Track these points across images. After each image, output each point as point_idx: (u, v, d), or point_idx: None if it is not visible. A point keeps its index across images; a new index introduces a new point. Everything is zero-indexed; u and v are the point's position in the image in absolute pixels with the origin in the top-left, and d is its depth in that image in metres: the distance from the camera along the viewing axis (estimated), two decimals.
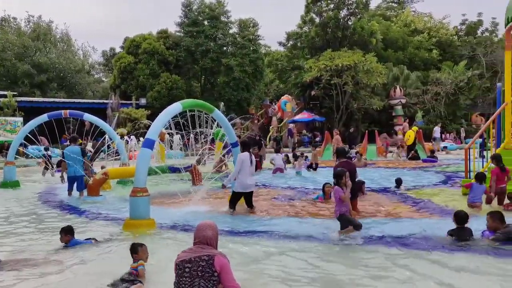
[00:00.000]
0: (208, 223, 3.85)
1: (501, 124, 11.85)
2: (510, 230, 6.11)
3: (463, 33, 46.63)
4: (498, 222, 6.20)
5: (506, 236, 6.07)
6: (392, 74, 37.38)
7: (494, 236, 6.16)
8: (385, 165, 19.26)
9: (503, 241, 6.06)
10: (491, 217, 6.30)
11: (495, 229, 6.19)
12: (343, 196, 6.72)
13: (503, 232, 6.10)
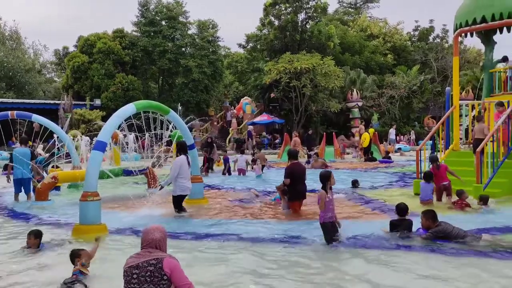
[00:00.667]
0: (155, 226, 3.69)
1: (450, 126, 12.27)
2: (439, 229, 6.35)
3: (416, 39, 48.33)
4: (430, 221, 6.45)
5: (436, 234, 6.33)
6: (349, 77, 38.17)
7: (425, 235, 6.41)
8: (343, 166, 19.53)
9: (434, 239, 6.30)
10: (424, 216, 6.55)
11: (428, 228, 6.44)
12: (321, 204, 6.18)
13: (433, 231, 6.36)
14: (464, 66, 42.84)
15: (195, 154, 10.87)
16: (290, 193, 8.95)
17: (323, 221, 6.29)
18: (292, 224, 7.90)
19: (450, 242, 6.16)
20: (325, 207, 6.20)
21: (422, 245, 6.22)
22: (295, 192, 8.92)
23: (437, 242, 6.21)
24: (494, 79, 17.00)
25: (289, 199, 9.00)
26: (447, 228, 6.36)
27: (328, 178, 6.30)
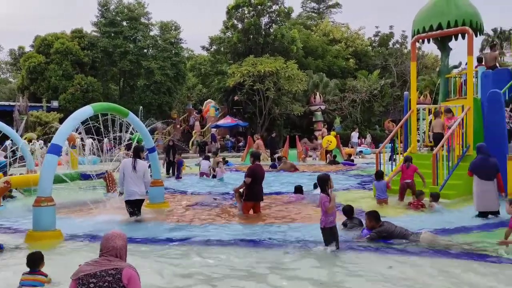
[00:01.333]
0: (116, 233, 3.48)
1: (408, 129, 12.61)
2: (383, 229, 6.60)
3: (376, 44, 49.51)
4: (374, 221, 6.72)
5: (379, 234, 6.57)
6: (312, 81, 38.62)
7: (369, 235, 6.65)
8: (305, 169, 19.69)
9: (377, 239, 6.53)
10: (368, 217, 6.84)
11: (372, 228, 6.69)
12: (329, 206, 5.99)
13: (377, 231, 6.61)
14: (422, 71, 44.28)
15: (156, 157, 10.68)
16: (247, 193, 8.97)
17: (324, 226, 6.11)
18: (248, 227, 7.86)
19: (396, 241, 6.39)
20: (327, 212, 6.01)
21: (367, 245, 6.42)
22: (252, 193, 8.97)
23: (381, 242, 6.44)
24: (450, 84, 17.65)
25: (245, 199, 9.02)
26: (390, 227, 6.63)
27: (327, 181, 6.16)
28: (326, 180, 6.16)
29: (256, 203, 9.12)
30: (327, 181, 6.15)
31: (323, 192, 6.10)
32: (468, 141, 11.18)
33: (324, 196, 6.05)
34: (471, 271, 5.22)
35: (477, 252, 6.00)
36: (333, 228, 6.13)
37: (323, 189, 6.12)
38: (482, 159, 8.48)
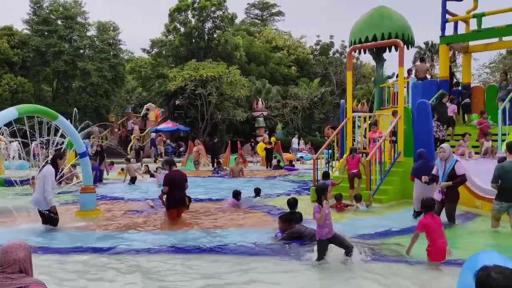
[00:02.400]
0: (17, 243, 3.01)
1: (344, 136, 12.95)
2: (294, 230, 6.93)
3: (317, 52, 50.82)
4: (286, 224, 7.07)
5: (290, 235, 6.89)
6: (255, 87, 38.89)
7: (281, 236, 6.95)
8: (246, 174, 19.64)
9: (289, 240, 6.80)
10: (280, 220, 7.20)
11: (285, 230, 7.01)
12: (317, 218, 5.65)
13: (288, 232, 6.93)
14: (360, 80, 46.00)
15: (87, 163, 10.17)
16: (168, 201, 8.82)
17: (320, 238, 5.80)
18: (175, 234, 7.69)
19: (308, 242, 6.62)
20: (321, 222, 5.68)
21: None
22: (172, 200, 8.83)
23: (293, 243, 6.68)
24: (384, 93, 18.40)
25: (167, 207, 8.85)
26: (300, 229, 6.95)
27: (324, 191, 5.79)
28: (324, 189, 5.82)
29: (180, 209, 8.98)
30: (324, 190, 5.80)
31: (318, 202, 5.76)
32: (399, 148, 11.63)
33: (316, 206, 5.75)
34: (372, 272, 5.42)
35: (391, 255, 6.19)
36: (330, 239, 5.77)
37: (319, 199, 5.77)
38: (422, 163, 8.94)
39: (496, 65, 42.48)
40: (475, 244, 6.70)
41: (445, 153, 7.92)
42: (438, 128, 12.26)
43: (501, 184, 7.17)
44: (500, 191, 7.21)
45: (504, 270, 2.23)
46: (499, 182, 7.17)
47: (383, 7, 17.97)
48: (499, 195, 7.25)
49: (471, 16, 14.95)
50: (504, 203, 7.16)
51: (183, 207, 9.17)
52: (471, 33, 15.06)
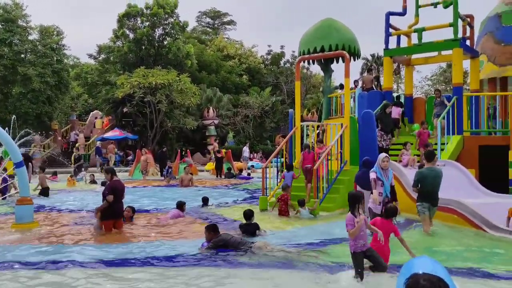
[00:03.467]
0: None
1: (293, 145, 13.05)
2: (219, 239, 6.96)
3: (268, 62, 51.38)
4: (212, 233, 7.11)
5: (216, 244, 6.92)
6: (206, 95, 38.67)
7: (207, 245, 6.96)
8: (198, 184, 19.33)
9: (215, 249, 6.84)
10: (206, 230, 7.23)
11: (210, 239, 7.04)
12: (351, 231, 5.17)
13: (214, 241, 6.96)
14: (311, 90, 46.92)
15: (23, 173, 9.62)
16: (106, 211, 8.51)
17: (354, 251, 5.31)
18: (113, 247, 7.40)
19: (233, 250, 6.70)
20: (351, 236, 5.25)
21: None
22: (111, 210, 8.53)
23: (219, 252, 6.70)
24: (332, 103, 18.78)
25: (103, 217, 8.53)
26: (225, 237, 6.99)
27: (359, 200, 5.33)
28: (357, 198, 5.36)
29: (117, 220, 8.71)
30: (358, 200, 5.34)
31: (351, 212, 5.27)
32: (345, 157, 11.86)
33: (350, 218, 5.22)
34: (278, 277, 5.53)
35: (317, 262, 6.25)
36: (365, 252, 5.33)
37: (352, 209, 5.29)
38: (364, 171, 9.12)
39: (437, 77, 44.80)
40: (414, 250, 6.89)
41: (388, 162, 8.02)
42: (382, 137, 12.63)
43: (420, 188, 8.21)
44: (420, 194, 8.28)
45: (431, 277, 2.29)
46: (419, 186, 8.21)
47: (331, 20, 18.38)
48: (420, 197, 8.29)
49: (413, 30, 15.59)
50: (425, 203, 8.15)
51: (121, 218, 8.87)
52: (413, 47, 15.72)
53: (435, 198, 8.20)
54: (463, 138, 13.45)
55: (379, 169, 7.58)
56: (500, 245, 7.27)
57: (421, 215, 8.20)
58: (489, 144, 13.45)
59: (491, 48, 16.26)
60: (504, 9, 16.18)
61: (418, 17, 16.02)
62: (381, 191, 7.47)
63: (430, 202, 8.15)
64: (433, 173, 8.20)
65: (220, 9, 59.23)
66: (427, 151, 9.06)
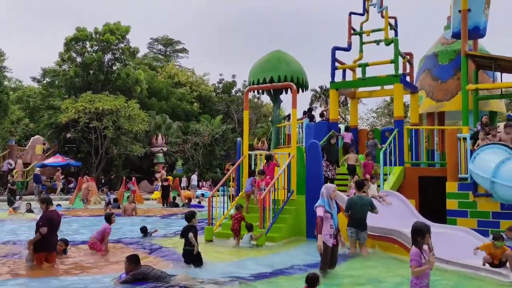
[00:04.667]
0: None
1: (240, 174, 12.97)
2: (138, 271, 6.67)
3: (220, 90, 51.65)
4: (132, 264, 6.77)
5: (135, 277, 6.63)
6: (155, 122, 38.07)
7: (125, 278, 6.65)
8: (142, 213, 18.67)
9: (132, 282, 6.56)
10: (127, 260, 6.86)
11: (130, 271, 6.72)
12: (417, 269, 4.65)
13: (132, 274, 6.66)
14: (261, 119, 47.43)
15: None
16: (39, 243, 7.96)
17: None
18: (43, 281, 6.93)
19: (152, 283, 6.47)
20: (415, 273, 4.72)
21: None
22: (45, 242, 7.99)
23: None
24: (280, 132, 19.01)
25: (35, 250, 7.98)
26: (145, 270, 6.70)
27: (424, 233, 4.72)
28: (422, 230, 4.77)
29: (50, 253, 8.16)
30: (423, 232, 4.76)
31: (417, 246, 4.73)
32: (292, 187, 11.90)
33: (415, 252, 4.68)
34: None
35: None
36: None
37: (415, 242, 4.75)
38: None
39: (381, 110, 46.76)
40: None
41: (336, 192, 7.91)
42: (328, 167, 12.83)
43: (350, 213, 9.10)
44: (350, 219, 9.12)
45: None
46: (349, 212, 9.10)
47: (280, 52, 18.81)
48: (349, 223, 9.11)
49: (357, 65, 16.25)
50: (352, 228, 9.04)
51: (54, 251, 8.31)
52: (357, 81, 16.32)
53: (362, 224, 9.02)
54: (404, 169, 13.97)
55: (327, 201, 7.23)
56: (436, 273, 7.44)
57: (349, 238, 9.03)
58: (428, 175, 14.04)
59: (429, 84, 17.22)
60: (440, 48, 17.27)
61: (362, 53, 16.75)
62: (332, 223, 7.08)
63: (358, 227, 9.01)
64: (361, 201, 9.06)
65: (172, 37, 59.38)
66: (357, 181, 9.96)
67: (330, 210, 6.99)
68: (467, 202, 12.34)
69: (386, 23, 15.76)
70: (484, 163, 11.00)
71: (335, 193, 7.53)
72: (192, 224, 8.00)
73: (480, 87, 14.58)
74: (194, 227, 7.95)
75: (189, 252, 7.75)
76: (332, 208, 7.13)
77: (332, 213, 7.00)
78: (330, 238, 6.87)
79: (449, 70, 16.69)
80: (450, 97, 16.54)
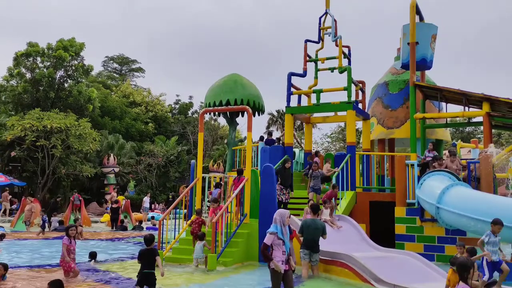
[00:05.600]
0: None
1: (193, 197, 12.76)
2: None
3: (176, 111, 51.11)
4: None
5: None
6: (107, 142, 36.99)
7: None
8: (90, 236, 17.84)
9: None
10: (48, 285, 6.33)
11: None
12: None
13: None
14: (218, 141, 47.20)
15: None
16: None
17: None
18: None
19: None
20: None
21: None
22: None
23: None
24: (236, 155, 18.97)
25: None
26: None
27: (469, 269, 4.84)
28: (467, 266, 4.90)
29: None
30: (468, 267, 4.89)
31: (463, 281, 4.85)
32: (245, 210, 11.81)
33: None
34: None
35: None
36: None
37: (463, 278, 4.86)
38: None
39: (336, 135, 47.89)
40: None
41: (290, 219, 7.41)
42: (282, 191, 12.79)
43: (304, 236, 9.44)
44: (303, 241, 9.48)
45: None
46: (303, 233, 9.45)
47: (236, 75, 18.99)
48: (302, 245, 9.47)
49: (312, 91, 16.61)
50: (306, 250, 9.35)
51: None
52: (311, 106, 16.65)
53: (314, 246, 9.35)
54: (356, 194, 14.24)
55: (280, 227, 6.84)
56: None
57: (302, 260, 9.31)
58: (378, 200, 14.38)
59: (380, 112, 17.86)
60: (391, 78, 18.03)
61: (317, 79, 17.17)
62: (284, 249, 6.73)
63: (311, 249, 9.33)
64: (314, 224, 9.42)
65: (128, 56, 58.51)
66: (312, 204, 10.36)
67: (283, 237, 6.72)
68: (415, 226, 12.72)
69: (340, 52, 16.29)
70: (430, 189, 11.42)
71: (289, 220, 7.28)
72: (153, 248, 7.81)
73: (427, 116, 15.28)
74: (157, 250, 7.99)
75: (149, 275, 7.47)
76: (284, 234, 6.84)
77: (284, 239, 6.75)
78: (281, 264, 6.67)
79: (398, 98, 17.41)
80: (399, 124, 17.19)
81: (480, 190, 11.56)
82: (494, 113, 13.60)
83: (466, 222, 10.08)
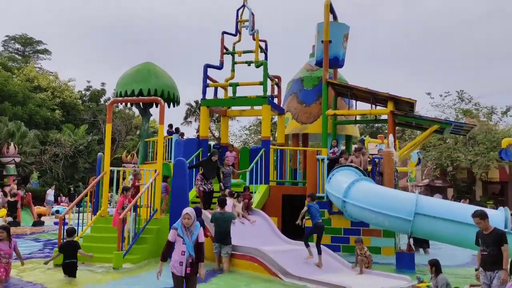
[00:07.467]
0: None
1: (100, 192, 12.06)
2: None
3: (87, 98, 48.17)
4: None
5: None
6: (7, 129, 33.87)
7: None
8: None
9: None
10: None
11: None
12: None
13: None
14: (132, 131, 45.36)
15: None
16: None
17: None
18: None
19: None
20: None
21: None
22: None
23: None
24: (149, 147, 18.32)
25: None
26: None
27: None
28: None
29: None
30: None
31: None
32: (156, 205, 11.41)
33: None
34: None
35: None
36: None
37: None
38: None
39: (254, 127, 48.35)
40: None
41: (190, 219, 5.97)
42: (203, 181, 12.09)
43: (214, 229, 9.89)
44: (214, 234, 9.91)
45: None
46: (213, 225, 9.84)
47: (150, 64, 18.23)
48: (214, 237, 9.88)
49: (228, 84, 16.49)
50: (216, 243, 9.73)
51: None
52: (227, 99, 16.54)
53: (225, 238, 9.68)
54: (269, 187, 14.43)
55: (181, 225, 5.98)
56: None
57: (215, 253, 9.71)
58: (291, 193, 14.71)
59: (295, 107, 18.25)
60: (305, 74, 18.47)
61: (234, 72, 17.07)
62: (184, 249, 5.82)
63: (220, 242, 9.67)
64: (222, 217, 9.86)
65: (32, 36, 53.84)
66: (219, 198, 10.64)
67: (183, 235, 5.86)
68: (323, 219, 13.17)
69: (257, 46, 16.34)
70: (338, 183, 11.88)
71: (187, 220, 5.89)
72: (74, 240, 8.78)
73: (338, 113, 15.88)
74: (77, 242, 8.92)
75: (73, 264, 8.41)
76: (186, 234, 5.91)
77: (184, 238, 5.86)
78: (180, 266, 5.81)
79: (312, 95, 17.90)
80: (313, 120, 17.70)
81: (383, 184, 12.26)
82: (397, 112, 14.48)
83: (368, 215, 10.63)
